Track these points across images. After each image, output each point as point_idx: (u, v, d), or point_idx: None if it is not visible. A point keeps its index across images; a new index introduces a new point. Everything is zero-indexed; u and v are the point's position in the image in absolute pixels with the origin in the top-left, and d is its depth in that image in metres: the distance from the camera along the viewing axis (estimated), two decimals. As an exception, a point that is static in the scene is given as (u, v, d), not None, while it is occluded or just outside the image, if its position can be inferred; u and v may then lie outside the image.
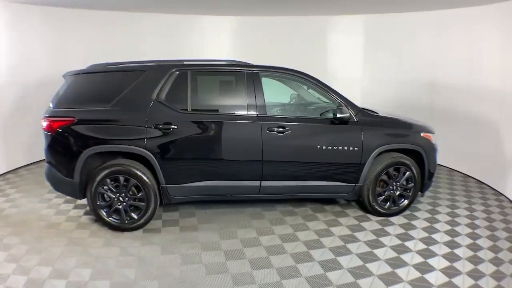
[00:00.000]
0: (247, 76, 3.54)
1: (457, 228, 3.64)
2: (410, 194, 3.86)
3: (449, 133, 5.15)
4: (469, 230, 3.60)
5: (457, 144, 5.25)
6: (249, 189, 3.57)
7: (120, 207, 3.34)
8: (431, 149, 3.88)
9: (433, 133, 3.99)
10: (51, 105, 3.35)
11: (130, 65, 3.51)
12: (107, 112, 3.31)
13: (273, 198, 3.89)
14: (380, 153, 3.73)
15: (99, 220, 3.40)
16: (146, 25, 6.09)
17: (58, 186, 3.40)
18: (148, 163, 3.34)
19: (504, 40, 4.45)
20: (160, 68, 3.46)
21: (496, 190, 4.72)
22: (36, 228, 3.43)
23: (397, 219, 3.80)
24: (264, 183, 3.56)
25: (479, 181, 5.08)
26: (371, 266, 2.94)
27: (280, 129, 3.48)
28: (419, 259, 3.07)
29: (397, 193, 3.82)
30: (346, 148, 3.59)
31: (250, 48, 6.46)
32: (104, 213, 3.34)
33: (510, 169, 4.41)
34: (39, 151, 3.66)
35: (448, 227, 3.66)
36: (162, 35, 6.23)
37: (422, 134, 3.85)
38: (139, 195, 3.35)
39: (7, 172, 5.05)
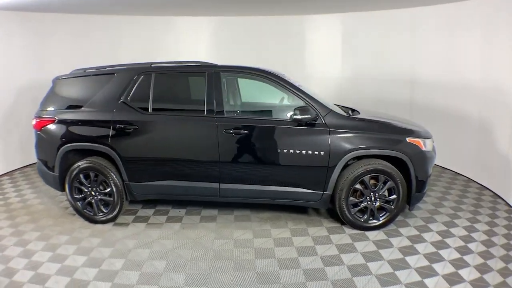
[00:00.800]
0: (208, 76, 3.49)
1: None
2: (393, 207, 3.37)
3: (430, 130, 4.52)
4: (446, 219, 3.14)
5: (438, 139, 4.41)
6: (208, 190, 3.52)
7: (93, 200, 3.64)
8: (420, 156, 3.35)
9: (425, 138, 3.43)
10: (39, 107, 3.81)
11: (102, 69, 3.76)
12: (80, 113, 3.61)
13: (233, 201, 3.67)
14: (358, 159, 3.34)
15: (75, 211, 3.74)
16: (124, 28, 6.14)
17: (45, 179, 3.84)
18: (113, 161, 3.56)
19: (482, 36, 4.44)
20: (128, 71, 3.63)
21: (479, 184, 4.71)
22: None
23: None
24: (223, 185, 3.48)
25: (458, 173, 5.13)
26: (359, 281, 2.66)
27: (237, 130, 3.35)
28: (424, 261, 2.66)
29: (377, 205, 3.36)
30: (310, 152, 3.28)
31: (228, 48, 6.48)
32: (80, 205, 3.67)
33: (491, 163, 4.42)
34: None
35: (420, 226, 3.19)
36: (140, 37, 6.24)
37: (407, 139, 3.32)
38: (107, 190, 3.60)
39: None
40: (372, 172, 3.28)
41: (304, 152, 3.28)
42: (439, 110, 5.24)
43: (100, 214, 3.65)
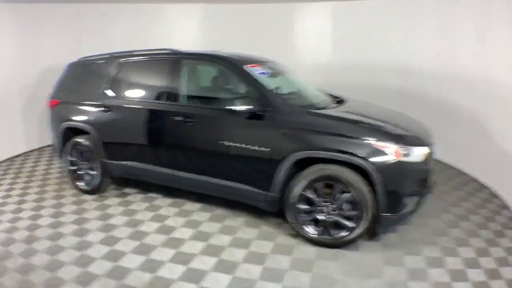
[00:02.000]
0: (170, 64, 3.59)
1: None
2: (352, 226, 2.88)
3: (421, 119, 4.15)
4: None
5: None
6: (165, 176, 3.67)
7: (83, 172, 4.17)
8: (394, 167, 2.74)
9: (410, 145, 2.81)
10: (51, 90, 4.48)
11: (97, 57, 4.19)
12: (74, 96, 4.14)
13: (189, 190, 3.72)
14: (321, 162, 2.94)
15: (71, 182, 4.32)
16: (116, 15, 6.27)
17: (54, 150, 4.53)
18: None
19: (475, 27, 4.35)
20: (112, 59, 3.99)
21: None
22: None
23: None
24: (177, 173, 3.58)
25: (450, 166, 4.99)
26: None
27: (185, 118, 3.38)
28: None
29: (332, 219, 2.94)
30: (253, 147, 3.11)
31: (220, 36, 6.51)
32: (75, 177, 4.24)
33: (484, 155, 4.34)
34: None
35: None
36: (132, 24, 6.34)
37: (374, 144, 2.75)
38: (89, 165, 4.07)
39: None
40: (325, 179, 2.87)
41: (245, 146, 3.12)
42: (430, 100, 5.15)
43: (87, 185, 4.15)
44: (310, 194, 2.96)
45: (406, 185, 2.82)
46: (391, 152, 2.74)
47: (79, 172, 4.18)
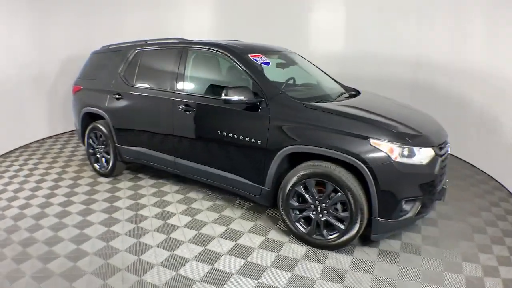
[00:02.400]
0: (177, 53, 3.59)
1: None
2: (344, 228, 2.68)
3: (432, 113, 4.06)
4: None
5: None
6: (167, 163, 3.72)
7: (100, 156, 4.38)
8: (390, 168, 2.47)
9: (413, 145, 2.52)
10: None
11: (116, 46, 4.33)
12: (93, 83, 4.33)
13: (190, 177, 3.71)
14: (311, 158, 2.78)
15: (90, 164, 4.57)
16: (128, 4, 6.46)
17: (77, 134, 4.80)
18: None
19: (487, 20, 4.30)
20: (127, 48, 4.10)
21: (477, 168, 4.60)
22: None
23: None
24: (178, 160, 3.61)
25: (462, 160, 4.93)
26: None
27: (186, 107, 3.38)
28: None
29: (323, 218, 2.76)
30: (247, 139, 3.02)
31: (233, 24, 6.60)
32: (93, 159, 4.47)
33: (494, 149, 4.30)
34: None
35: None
36: (143, 13, 6.51)
37: (371, 141, 2.51)
38: (107, 149, 4.26)
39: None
40: (316, 176, 2.70)
41: (241, 137, 3.04)
42: (442, 94, 5.06)
43: (102, 168, 4.36)
44: (302, 191, 2.81)
45: (404, 188, 2.53)
46: (388, 151, 2.48)
47: (96, 156, 4.41)
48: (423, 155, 2.57)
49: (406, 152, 2.52)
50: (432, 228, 3.23)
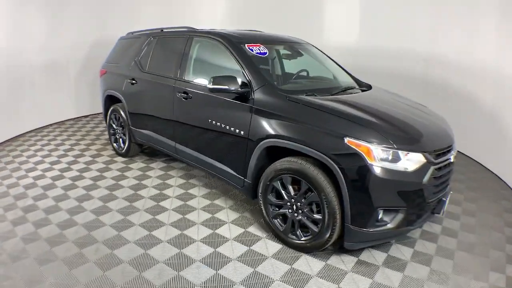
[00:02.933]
0: (182, 41, 3.64)
1: None
2: (317, 230, 2.50)
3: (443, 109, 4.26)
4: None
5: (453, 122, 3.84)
6: (170, 147, 3.80)
7: (118, 137, 4.65)
8: (363, 172, 2.23)
9: (388, 148, 2.25)
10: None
11: (138, 32, 4.51)
12: (116, 68, 4.58)
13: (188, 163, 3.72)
14: (292, 154, 2.65)
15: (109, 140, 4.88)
16: None
17: (103, 114, 5.14)
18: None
19: (501, 17, 4.19)
20: (145, 35, 4.25)
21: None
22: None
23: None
24: (178, 146, 3.67)
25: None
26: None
27: (184, 94, 3.41)
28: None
29: (298, 218, 2.61)
30: (233, 129, 2.96)
31: (247, 16, 6.87)
32: (113, 139, 4.76)
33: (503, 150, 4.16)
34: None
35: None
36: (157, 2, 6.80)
37: (347, 140, 2.30)
38: (122, 130, 4.50)
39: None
40: (291, 172, 2.55)
41: (227, 127, 3.00)
42: (453, 91, 4.98)
43: (120, 148, 4.63)
44: (279, 187, 2.68)
45: (381, 196, 2.25)
46: (365, 153, 2.24)
47: (116, 136, 4.69)
48: (410, 161, 2.29)
49: (388, 156, 2.26)
50: (450, 239, 2.93)
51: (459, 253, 2.75)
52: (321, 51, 4.03)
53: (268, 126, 2.68)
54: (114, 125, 4.66)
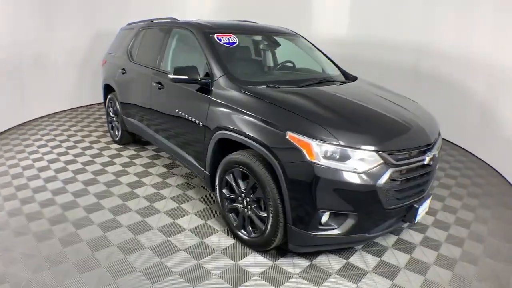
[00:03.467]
0: (164, 32, 3.74)
1: None
2: (264, 228, 2.47)
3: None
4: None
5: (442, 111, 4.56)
6: (150, 136, 3.94)
7: (112, 125, 4.88)
8: (303, 170, 2.15)
9: (332, 145, 2.15)
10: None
11: (132, 24, 4.66)
12: (113, 58, 4.77)
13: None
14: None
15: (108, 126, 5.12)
16: None
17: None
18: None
19: (496, 8, 4.23)
20: (137, 26, 4.40)
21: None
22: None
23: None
24: (155, 135, 3.80)
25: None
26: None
27: (159, 84, 3.51)
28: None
29: (248, 213, 2.62)
30: (193, 119, 3.01)
31: (235, 5, 6.98)
32: (110, 127, 5.00)
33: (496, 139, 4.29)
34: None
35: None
36: None
37: (288, 134, 2.22)
38: (117, 118, 4.72)
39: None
40: (239, 165, 2.54)
41: (189, 117, 3.06)
42: (445, 82, 5.05)
43: (115, 136, 4.86)
44: (232, 181, 2.70)
45: (323, 198, 2.15)
46: (305, 149, 2.16)
47: (112, 124, 4.92)
48: (363, 161, 2.17)
49: (335, 154, 2.16)
50: (454, 248, 2.82)
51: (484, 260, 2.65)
52: (309, 42, 3.96)
53: (220, 117, 2.71)
54: (110, 113, 4.89)
